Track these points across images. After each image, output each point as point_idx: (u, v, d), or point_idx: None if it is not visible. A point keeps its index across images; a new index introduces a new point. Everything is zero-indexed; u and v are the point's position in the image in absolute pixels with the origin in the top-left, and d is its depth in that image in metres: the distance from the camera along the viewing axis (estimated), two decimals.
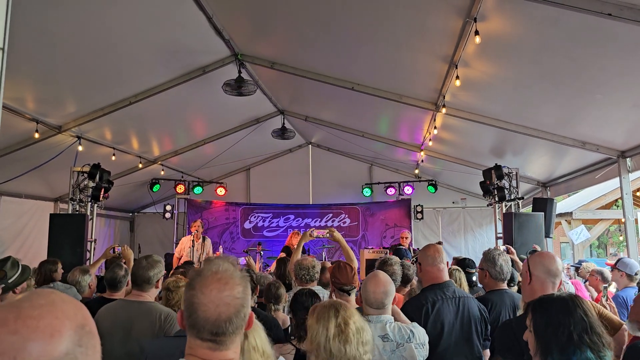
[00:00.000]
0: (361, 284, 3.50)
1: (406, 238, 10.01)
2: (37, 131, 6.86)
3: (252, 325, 1.60)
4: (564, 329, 1.87)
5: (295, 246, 8.38)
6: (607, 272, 5.91)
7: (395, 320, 2.87)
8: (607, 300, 4.21)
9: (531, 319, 1.98)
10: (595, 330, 1.87)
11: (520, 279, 4.81)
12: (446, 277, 3.45)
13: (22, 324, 0.81)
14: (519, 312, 3.16)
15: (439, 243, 10.13)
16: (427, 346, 2.82)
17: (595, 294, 5.56)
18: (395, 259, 4.63)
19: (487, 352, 3.35)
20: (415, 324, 2.89)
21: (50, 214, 7.92)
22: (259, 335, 2.05)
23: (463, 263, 5.61)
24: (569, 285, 4.47)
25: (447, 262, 3.73)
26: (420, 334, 2.82)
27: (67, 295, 0.96)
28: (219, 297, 1.47)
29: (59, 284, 4.47)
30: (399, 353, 2.69)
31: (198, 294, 1.49)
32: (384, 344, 2.70)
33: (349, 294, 3.90)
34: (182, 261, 8.46)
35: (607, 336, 1.88)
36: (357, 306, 2.99)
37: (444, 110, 6.76)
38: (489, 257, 4.01)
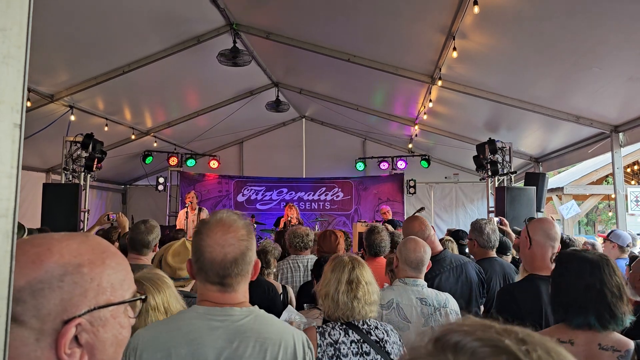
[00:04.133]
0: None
1: (387, 212, 10.06)
2: (29, 99, 6.77)
3: (257, 274, 1.65)
4: None
5: (289, 219, 8.46)
6: (598, 244, 6.02)
7: None
8: None
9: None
10: None
11: (513, 250, 4.91)
12: (440, 247, 3.48)
13: (19, 247, 0.84)
14: (517, 278, 3.16)
15: (421, 209, 10.25)
16: (460, 315, 2.86)
17: None
18: (382, 227, 4.69)
19: (481, 307, 3.45)
20: (448, 294, 2.94)
21: (44, 184, 7.89)
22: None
23: (456, 235, 5.70)
24: None
25: (433, 227, 3.77)
26: (454, 303, 2.88)
27: (95, 239, 0.97)
28: (223, 238, 1.55)
29: None
30: (436, 317, 2.75)
31: (204, 237, 1.57)
32: (422, 307, 2.76)
33: None
34: None
35: None
36: None
37: (439, 82, 6.74)
38: (476, 226, 4.09)
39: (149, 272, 2.10)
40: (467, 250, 5.19)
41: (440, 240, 4.79)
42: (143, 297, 1.00)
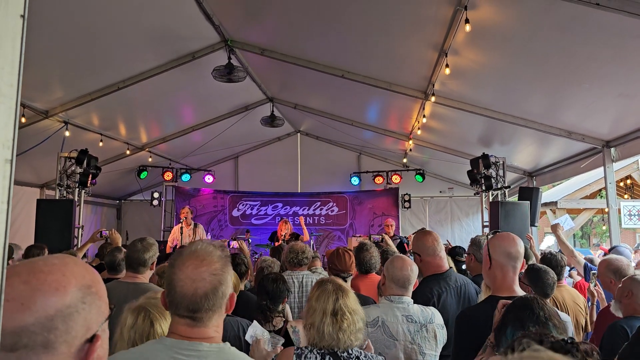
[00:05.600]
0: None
1: (390, 226, 10.05)
2: (23, 116, 6.78)
3: (233, 308, 1.62)
4: None
5: (283, 234, 8.47)
6: (596, 259, 6.07)
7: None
8: (595, 287, 4.31)
9: None
10: None
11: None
12: (447, 266, 3.41)
13: (33, 276, 0.91)
14: (480, 296, 3.05)
15: (422, 230, 10.25)
16: (445, 329, 2.84)
17: (577, 279, 5.69)
18: (371, 243, 4.69)
19: None
20: (434, 309, 2.91)
21: (38, 200, 7.87)
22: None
23: (453, 251, 5.69)
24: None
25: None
26: (440, 317, 2.86)
27: (81, 260, 1.04)
28: (195, 272, 1.51)
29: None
30: (422, 333, 2.74)
31: (176, 271, 1.53)
32: (408, 324, 2.74)
33: (345, 281, 3.94)
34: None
35: None
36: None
37: (433, 98, 6.80)
38: (475, 241, 4.11)
39: (154, 299, 2.08)
40: (463, 267, 5.20)
41: None
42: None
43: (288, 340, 2.75)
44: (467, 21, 4.54)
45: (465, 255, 4.37)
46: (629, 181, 12.77)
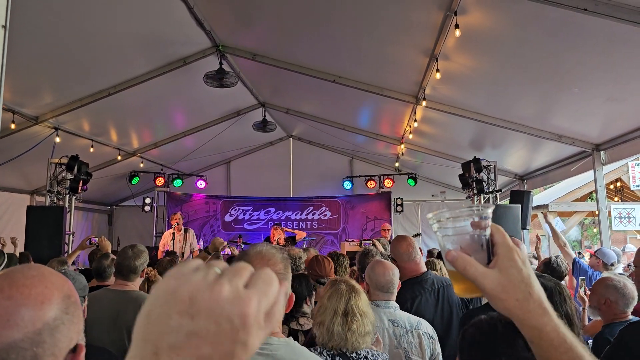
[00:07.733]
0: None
1: (387, 230, 10.04)
2: (13, 122, 6.72)
3: (291, 307, 1.73)
4: None
5: (277, 239, 8.45)
6: (583, 263, 6.11)
7: None
8: (585, 292, 4.34)
9: None
10: None
11: None
12: (424, 268, 3.44)
13: (16, 290, 0.88)
14: None
15: (417, 235, 10.29)
16: (436, 340, 2.82)
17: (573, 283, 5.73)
18: (375, 250, 4.68)
19: None
20: (421, 318, 2.91)
21: (28, 206, 7.79)
22: None
23: (441, 257, 5.71)
24: None
25: (421, 249, 3.74)
26: (428, 326, 2.85)
27: (52, 269, 1.01)
28: None
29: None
30: (408, 338, 2.73)
31: None
32: (394, 328, 2.74)
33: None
34: None
35: None
36: None
37: (424, 103, 6.83)
38: None
39: None
40: None
41: (427, 261, 4.80)
42: None
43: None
44: (457, 26, 4.57)
45: None
46: (618, 184, 12.87)
